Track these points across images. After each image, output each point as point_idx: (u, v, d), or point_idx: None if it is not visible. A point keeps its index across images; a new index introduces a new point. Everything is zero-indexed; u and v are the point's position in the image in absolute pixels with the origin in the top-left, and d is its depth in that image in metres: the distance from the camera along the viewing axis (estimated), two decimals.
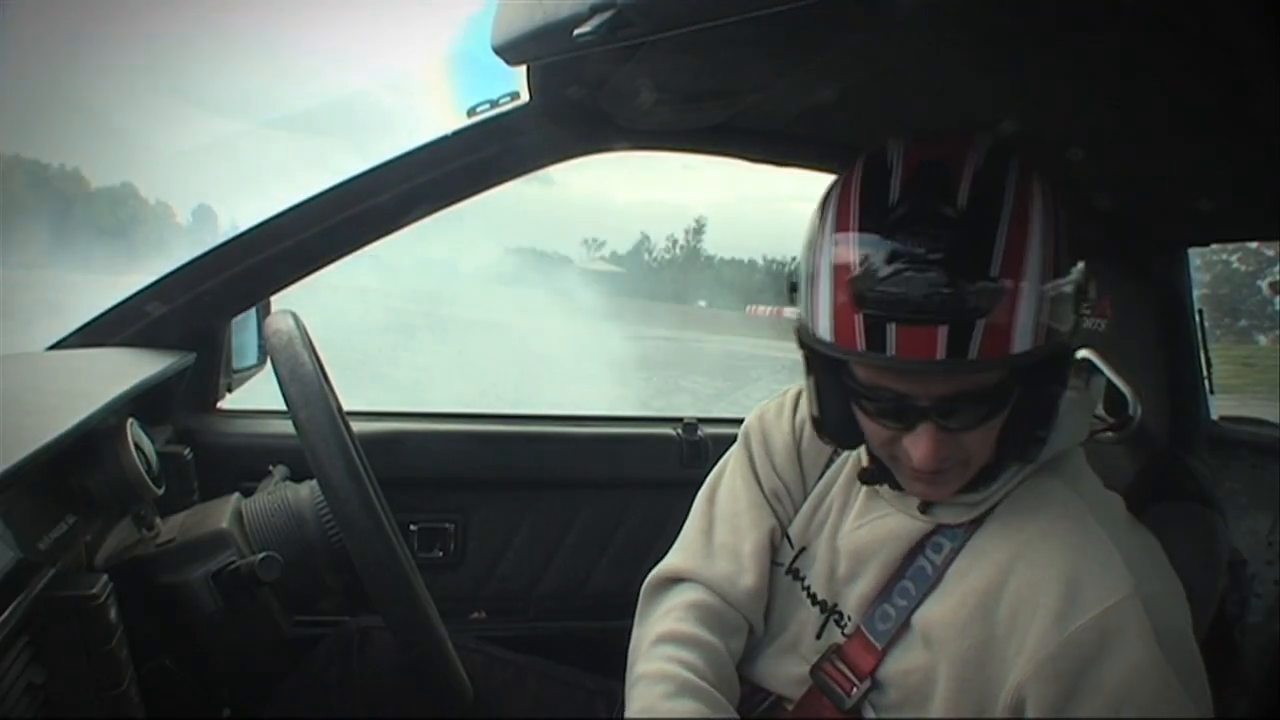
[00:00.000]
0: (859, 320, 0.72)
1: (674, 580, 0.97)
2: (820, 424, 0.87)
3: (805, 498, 0.98)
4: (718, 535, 0.98)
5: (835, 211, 0.76)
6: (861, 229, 0.73)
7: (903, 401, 0.75)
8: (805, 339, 0.80)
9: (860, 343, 0.72)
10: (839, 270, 0.74)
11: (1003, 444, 0.79)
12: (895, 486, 0.87)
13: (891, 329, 0.70)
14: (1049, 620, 0.74)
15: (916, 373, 0.72)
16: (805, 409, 0.96)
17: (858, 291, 0.71)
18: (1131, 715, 0.71)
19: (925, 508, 0.85)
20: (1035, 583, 0.76)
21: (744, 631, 0.95)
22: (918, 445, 0.76)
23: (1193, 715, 0.71)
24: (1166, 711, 0.70)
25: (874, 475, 0.89)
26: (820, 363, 0.82)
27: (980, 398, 0.74)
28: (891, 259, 0.70)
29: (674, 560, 0.99)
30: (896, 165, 0.74)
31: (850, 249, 0.73)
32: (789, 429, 1.00)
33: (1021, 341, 0.70)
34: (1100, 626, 0.73)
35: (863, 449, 0.90)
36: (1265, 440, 1.35)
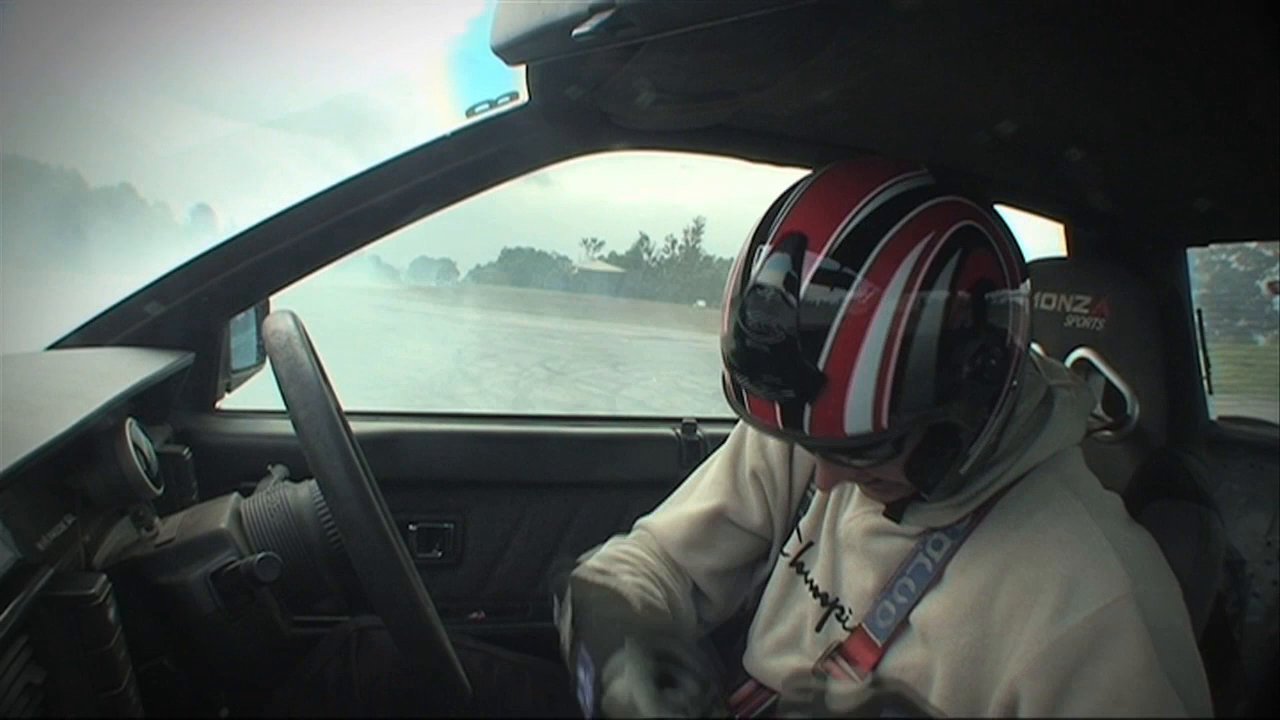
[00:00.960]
0: (727, 375, 0.78)
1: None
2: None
3: (790, 484, 1.03)
4: (676, 498, 1.09)
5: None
6: (733, 290, 0.76)
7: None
8: None
9: (730, 395, 0.79)
10: (727, 319, 0.76)
11: (913, 478, 0.78)
12: None
13: (744, 393, 0.76)
14: (1044, 617, 0.74)
15: (768, 434, 0.78)
16: None
17: (722, 350, 0.77)
18: (1123, 716, 0.71)
19: (897, 517, 0.86)
20: (1031, 581, 0.76)
21: (679, 576, 1.04)
22: (817, 470, 0.84)
23: (1185, 717, 0.70)
24: (1158, 713, 0.70)
25: None
26: None
27: (860, 447, 0.75)
28: (739, 331, 0.73)
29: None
30: (779, 219, 0.75)
31: (724, 307, 0.77)
32: None
33: (855, 425, 0.71)
34: (1095, 625, 0.73)
35: None
36: (1264, 440, 1.35)
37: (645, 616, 0.86)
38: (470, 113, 1.23)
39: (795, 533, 1.00)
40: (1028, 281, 0.78)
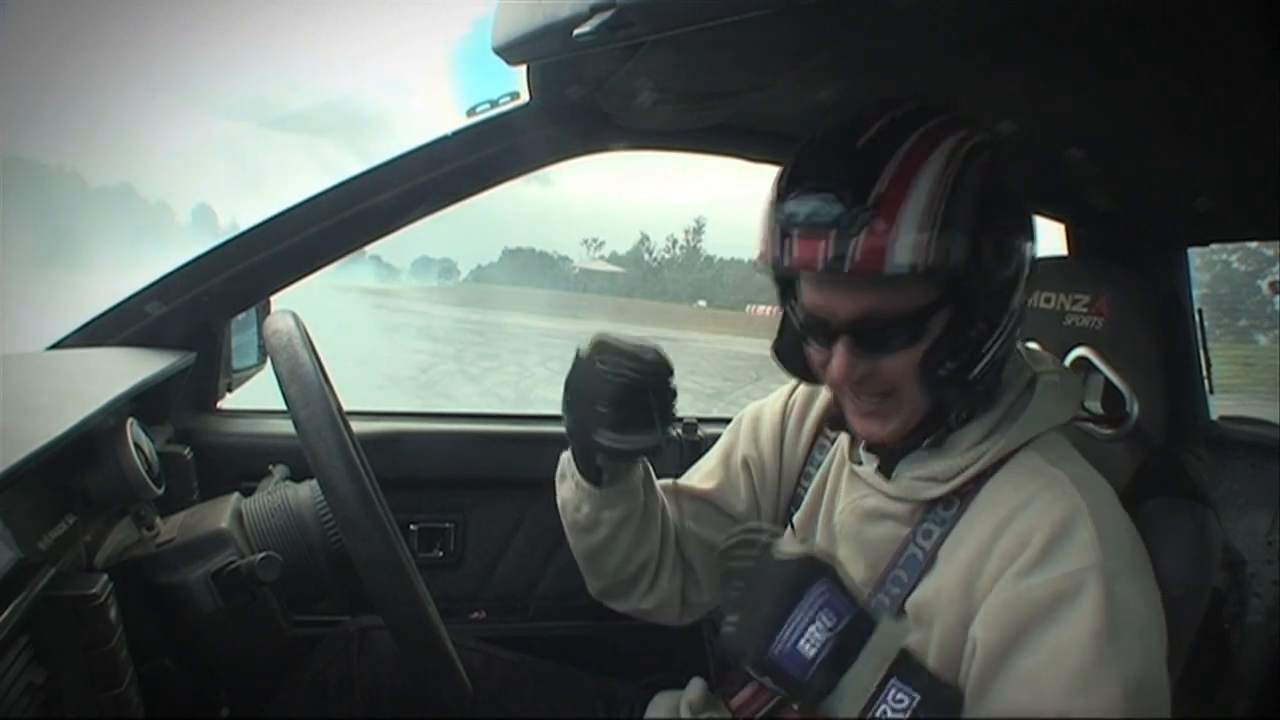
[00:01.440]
0: (774, 235, 0.81)
1: None
2: (777, 350, 0.95)
3: (780, 476, 1.07)
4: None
5: None
6: (791, 159, 0.83)
7: (821, 318, 0.83)
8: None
9: (771, 254, 0.82)
10: (774, 189, 0.83)
11: (924, 378, 0.82)
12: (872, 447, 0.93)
13: (791, 240, 0.79)
14: (1010, 575, 0.77)
15: (820, 283, 0.82)
16: (800, 394, 1.08)
17: (773, 211, 0.81)
18: (1056, 680, 0.72)
19: (887, 470, 0.89)
20: (1011, 551, 0.78)
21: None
22: (835, 365, 0.83)
23: (1115, 695, 0.70)
24: (1090, 684, 0.71)
25: (837, 420, 0.96)
26: (778, 286, 0.92)
27: (888, 321, 0.80)
28: (795, 182, 0.80)
29: None
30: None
31: (780, 179, 0.82)
32: (779, 408, 1.09)
33: (899, 258, 0.75)
34: (1054, 590, 0.74)
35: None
36: (1265, 440, 1.34)
37: None
38: (471, 112, 1.23)
39: (790, 529, 1.01)
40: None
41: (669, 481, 1.10)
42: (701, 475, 1.12)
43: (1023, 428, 0.85)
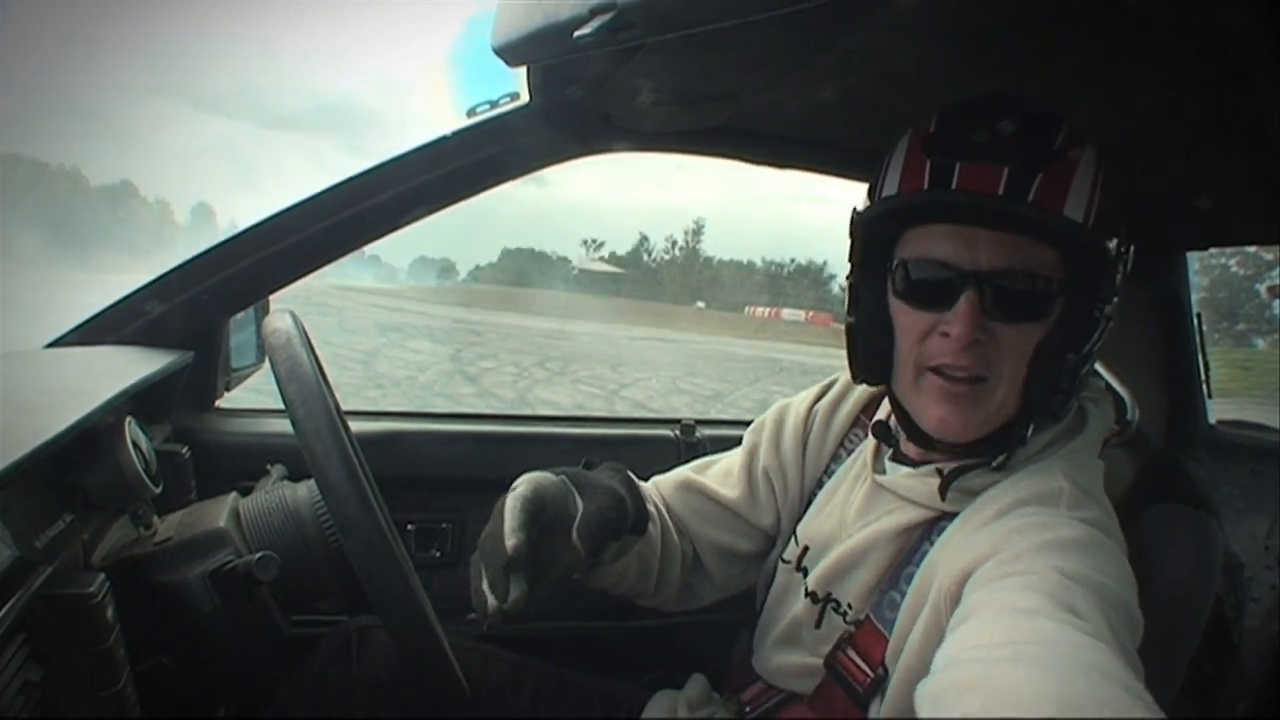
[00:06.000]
0: (928, 166, 0.78)
1: None
2: (853, 333, 0.89)
3: (801, 486, 1.03)
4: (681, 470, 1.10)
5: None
6: (944, 110, 0.82)
7: (948, 271, 0.78)
8: (859, 216, 0.85)
9: (925, 183, 0.78)
10: (916, 135, 0.81)
11: (1037, 362, 0.79)
12: (901, 458, 0.90)
13: (958, 168, 0.76)
14: (982, 532, 0.76)
15: (975, 210, 0.76)
16: (831, 395, 1.04)
17: (930, 141, 0.79)
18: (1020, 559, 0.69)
19: (944, 486, 0.84)
20: (989, 515, 0.78)
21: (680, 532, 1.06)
22: (956, 320, 0.77)
23: (1071, 566, 0.67)
24: (1049, 554, 0.69)
25: (885, 431, 0.92)
26: (866, 250, 0.86)
27: (1025, 280, 0.77)
28: (967, 118, 0.78)
29: None
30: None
31: (934, 120, 0.81)
32: (804, 411, 1.05)
33: (1074, 209, 0.75)
34: (1021, 523, 0.74)
35: (883, 407, 0.94)
36: (1263, 445, 1.35)
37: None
38: (471, 113, 1.23)
39: (793, 537, 1.01)
40: None
41: (686, 476, 1.09)
42: (723, 477, 1.08)
43: (1066, 458, 0.83)
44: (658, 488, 1.09)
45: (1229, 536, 1.23)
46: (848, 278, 0.89)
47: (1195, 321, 1.41)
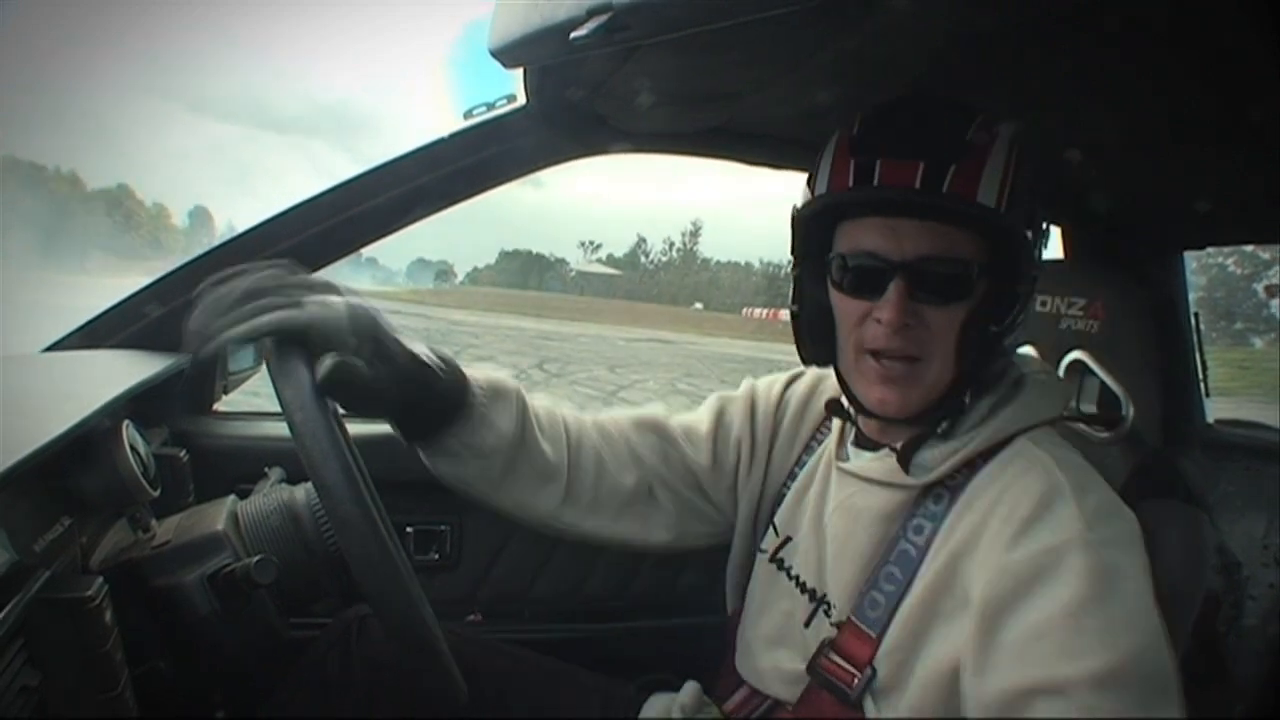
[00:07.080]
0: (852, 164, 0.84)
1: None
2: (798, 321, 0.95)
3: (766, 469, 1.06)
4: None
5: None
6: (867, 111, 0.88)
7: (877, 262, 0.84)
8: (798, 213, 0.92)
9: (850, 181, 0.84)
10: (843, 136, 0.87)
11: (964, 338, 0.84)
12: (863, 441, 0.94)
13: (878, 165, 0.83)
14: (997, 549, 0.77)
15: (896, 203, 0.83)
16: (800, 388, 1.08)
17: (854, 142, 0.86)
18: (1040, 650, 0.71)
19: (904, 459, 0.88)
20: (997, 530, 0.79)
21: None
22: (886, 307, 0.83)
23: (1099, 666, 0.68)
24: (1073, 653, 0.69)
25: (839, 408, 0.97)
26: (805, 244, 0.93)
27: (947, 265, 0.83)
28: (887, 118, 0.86)
29: None
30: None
31: (857, 121, 0.87)
32: (777, 396, 1.09)
33: (986, 195, 0.81)
34: (1036, 564, 0.74)
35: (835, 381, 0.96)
36: (1260, 443, 1.35)
37: None
38: (468, 115, 1.23)
39: (771, 528, 1.01)
40: None
41: (656, 418, 1.09)
42: (690, 434, 1.09)
43: (1011, 417, 0.87)
44: (614, 419, 1.09)
45: (1226, 536, 1.23)
46: (792, 270, 0.95)
47: (1192, 320, 1.41)
